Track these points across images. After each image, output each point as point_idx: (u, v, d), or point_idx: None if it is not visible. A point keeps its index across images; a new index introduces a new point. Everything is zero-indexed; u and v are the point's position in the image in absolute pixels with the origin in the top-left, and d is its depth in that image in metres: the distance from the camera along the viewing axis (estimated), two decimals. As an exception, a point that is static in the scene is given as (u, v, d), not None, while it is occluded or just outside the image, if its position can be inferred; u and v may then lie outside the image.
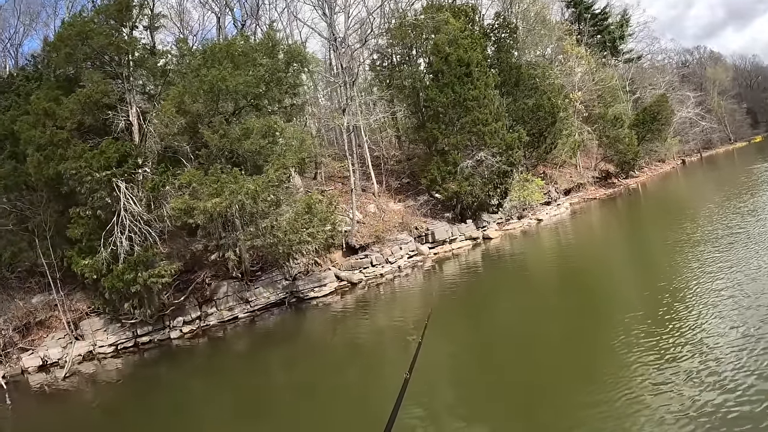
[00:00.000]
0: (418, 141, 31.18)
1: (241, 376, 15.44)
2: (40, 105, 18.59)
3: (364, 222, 25.23)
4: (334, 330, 19.07)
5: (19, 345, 19.48)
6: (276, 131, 20.28)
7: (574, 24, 51.72)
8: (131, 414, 14.03)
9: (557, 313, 15.04)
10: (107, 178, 17.80)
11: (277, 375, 15.27)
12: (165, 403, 14.20)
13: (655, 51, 70.90)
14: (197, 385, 15.31)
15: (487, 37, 35.56)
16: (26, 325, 19.88)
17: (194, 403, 13.70)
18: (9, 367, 18.88)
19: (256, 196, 18.22)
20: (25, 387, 17.96)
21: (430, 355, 13.74)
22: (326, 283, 21.94)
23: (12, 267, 21.99)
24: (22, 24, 39.82)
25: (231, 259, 18.97)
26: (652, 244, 22.42)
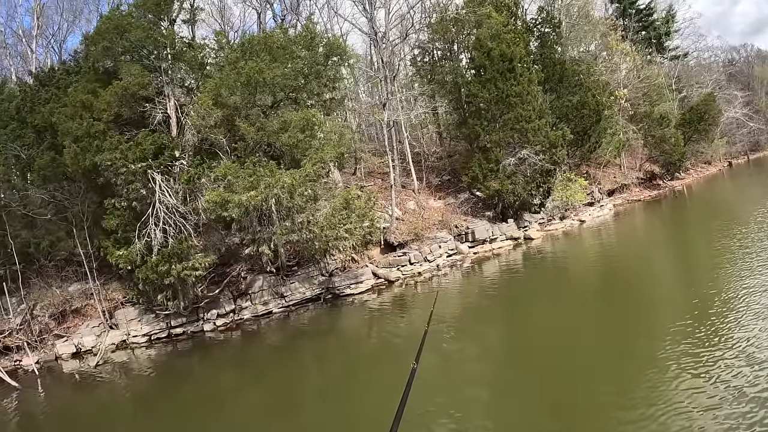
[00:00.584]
0: (459, 137, 30.12)
1: (273, 370, 15.16)
2: (78, 97, 18.44)
3: (404, 219, 24.37)
4: (370, 327, 18.46)
5: (54, 332, 19.75)
6: (315, 125, 19.63)
7: (618, 19, 49.71)
8: (161, 404, 13.97)
9: (598, 320, 14.36)
10: (143, 170, 17.59)
11: (310, 371, 14.86)
12: (195, 394, 14.06)
13: (701, 48, 67.91)
14: (229, 378, 15.09)
15: (530, 32, 34.20)
16: (62, 313, 20.11)
17: (225, 396, 13.47)
18: (44, 352, 19.21)
19: (293, 190, 17.59)
20: (58, 373, 18.12)
21: (464, 355, 13.34)
22: (363, 280, 21.20)
23: (50, 255, 22.06)
24: (65, 21, 40.41)
25: (265, 254, 18.36)
26: (699, 249, 21.23)
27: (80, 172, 18.71)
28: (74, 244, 20.13)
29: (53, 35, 40.27)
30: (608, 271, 20.45)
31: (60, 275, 21.81)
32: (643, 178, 42.01)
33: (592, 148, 34.55)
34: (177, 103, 19.76)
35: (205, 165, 18.70)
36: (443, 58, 31.09)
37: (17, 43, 38.50)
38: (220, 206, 17.30)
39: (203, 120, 18.88)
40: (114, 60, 19.92)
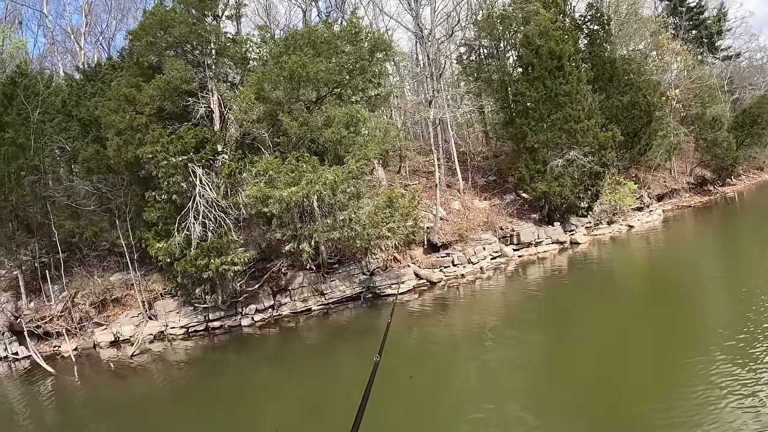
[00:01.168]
0: (505, 137, 29.05)
1: (309, 368, 14.89)
2: (121, 91, 18.27)
3: (448, 219, 23.48)
4: (410, 329, 17.79)
5: (94, 320, 19.93)
6: (359, 121, 18.97)
7: (668, 18, 47.59)
8: (195, 396, 13.96)
9: (644, 331, 13.44)
10: (183, 163, 17.28)
11: (347, 370, 14.43)
12: (230, 388, 13.93)
13: (753, 49, 64.63)
14: (264, 374, 14.95)
15: (578, 29, 32.86)
16: (102, 302, 20.27)
17: (259, 391, 13.34)
18: (83, 340, 19.43)
19: (335, 187, 16.96)
20: (94, 361, 18.30)
21: (503, 363, 12.92)
22: (404, 281, 20.45)
23: (93, 245, 22.15)
24: (113, 19, 41.00)
25: (305, 251, 17.78)
26: (752, 260, 20.20)
27: (122, 165, 18.59)
28: (116, 235, 20.16)
29: (102, 33, 40.97)
30: (657, 280, 19.46)
31: (102, 265, 21.97)
32: (694, 183, 39.97)
33: (642, 151, 32.92)
34: (220, 98, 19.42)
35: (246, 159, 18.27)
36: (489, 56, 30.06)
37: (66, 40, 39.22)
38: (261, 201, 16.85)
39: (245, 114, 18.47)
40: (158, 55, 19.74)
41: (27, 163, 20.88)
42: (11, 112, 21.48)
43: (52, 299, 21.08)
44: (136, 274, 20.01)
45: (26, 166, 20.84)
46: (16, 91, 22.28)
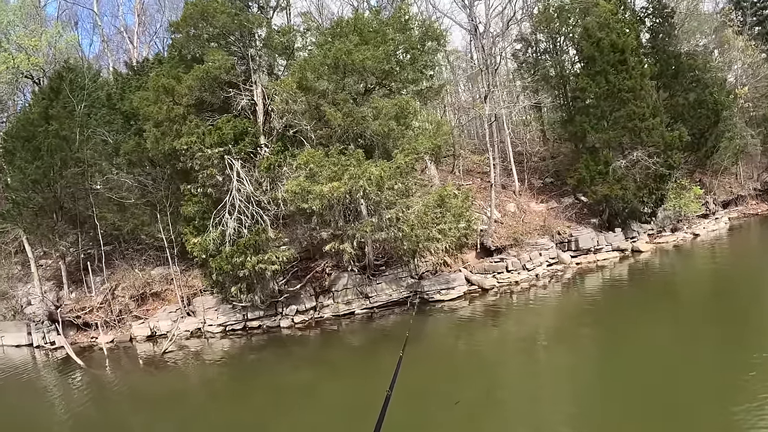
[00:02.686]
0: (564, 136, 26.84)
1: (349, 373, 13.86)
2: (159, 81, 17.33)
3: (502, 222, 21.56)
4: (457, 338, 16.26)
5: (133, 313, 19.66)
6: (409, 113, 17.38)
7: (732, 12, 44.08)
8: (228, 397, 13.29)
9: (708, 352, 12.13)
10: (219, 155, 16.08)
11: (388, 378, 12.81)
12: (264, 390, 13.34)
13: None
14: (301, 377, 14.01)
15: (640, 21, 30.35)
16: (142, 295, 19.96)
17: (295, 396, 12.55)
18: (120, 332, 19.22)
19: (381, 183, 15.36)
20: (128, 354, 17.94)
21: (554, 381, 11.79)
22: (455, 286, 18.70)
23: (134, 239, 21.51)
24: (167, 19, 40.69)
25: (347, 252, 16.30)
26: None
27: (160, 157, 17.66)
28: (157, 228, 19.53)
29: (155, 33, 40.76)
30: (724, 296, 17.18)
31: (143, 258, 21.36)
32: (761, 189, 36.60)
33: (709, 153, 30.00)
34: (264, 90, 18.25)
35: (287, 153, 16.89)
36: (546, 51, 27.95)
37: (120, 40, 39.12)
38: (300, 197, 15.40)
39: (287, 105, 17.13)
40: (200, 47, 18.74)
41: (70, 155, 20.43)
42: (57, 105, 21.14)
43: (93, 291, 20.63)
44: (176, 269, 19.25)
45: (70, 158, 20.41)
46: (63, 85, 21.97)
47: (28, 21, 28.90)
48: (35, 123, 20.61)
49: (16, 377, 17.24)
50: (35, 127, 20.42)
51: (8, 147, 20.82)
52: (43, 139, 20.08)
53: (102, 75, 26.42)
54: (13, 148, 20.55)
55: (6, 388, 16.40)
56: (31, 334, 20.47)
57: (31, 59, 25.30)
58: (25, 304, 22.10)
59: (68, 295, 21.63)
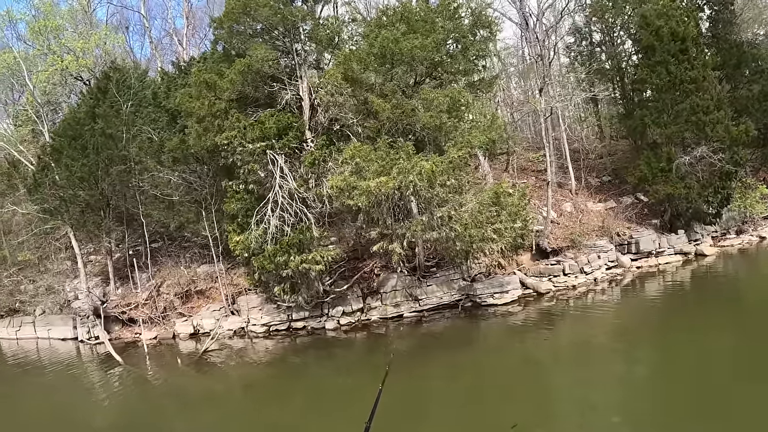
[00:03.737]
0: (622, 132, 24.86)
1: (394, 379, 12.28)
2: (201, 77, 16.52)
3: (559, 222, 19.92)
4: (510, 346, 14.74)
5: (178, 310, 19.16)
6: (462, 105, 16.04)
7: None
8: (267, 398, 12.68)
9: None
10: (261, 150, 15.10)
11: (436, 385, 12.40)
12: (305, 393, 12.62)
13: None
14: (345, 381, 13.11)
15: (699, 9, 28.02)
16: (187, 293, 19.44)
17: (337, 400, 11.73)
18: (164, 329, 18.78)
19: (433, 178, 14.06)
20: (169, 352, 17.41)
21: (608, 398, 10.59)
22: (509, 290, 17.17)
23: (180, 236, 20.95)
24: (216, 22, 40.30)
25: (396, 252, 15.05)
26: None
27: (203, 153, 16.86)
28: (203, 226, 18.76)
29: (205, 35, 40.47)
30: None
31: (188, 256, 20.99)
32: (828, 189, 33.56)
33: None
34: (309, 84, 17.25)
35: (333, 147, 15.72)
36: (602, 42, 26.00)
37: (170, 42, 38.97)
38: (345, 193, 14.24)
39: (332, 97, 16.05)
40: (244, 43, 17.90)
41: (116, 153, 20.06)
42: (103, 104, 20.83)
43: (139, 287, 20.22)
44: (221, 267, 18.56)
45: (115, 155, 20.04)
46: (110, 85, 21.70)
47: (77, 25, 28.90)
48: (82, 122, 20.33)
49: (59, 370, 17.05)
50: (82, 126, 20.12)
51: (56, 145, 20.59)
52: (90, 137, 19.75)
53: (150, 75, 26.09)
54: (61, 147, 20.29)
55: (48, 382, 16.05)
56: (76, 328, 20.35)
57: (79, 61, 25.13)
58: (72, 299, 21.98)
59: (114, 290, 21.33)
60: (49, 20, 25.16)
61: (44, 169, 20.04)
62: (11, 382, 16.70)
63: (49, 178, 19.70)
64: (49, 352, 19.62)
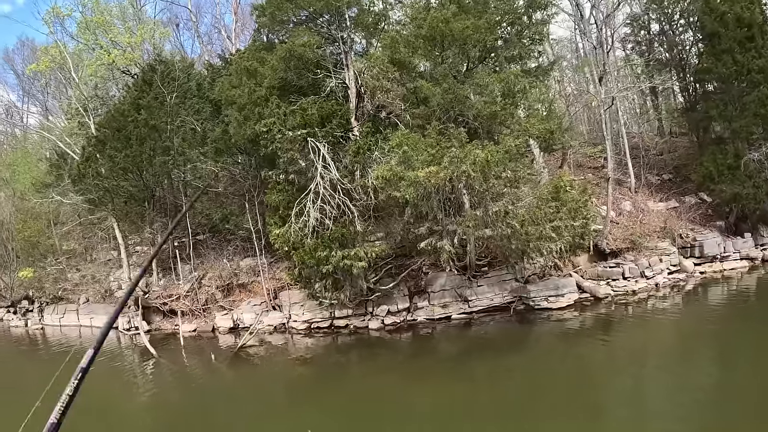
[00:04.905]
0: (683, 127, 22.73)
1: (439, 383, 11.44)
2: (242, 64, 15.51)
3: (618, 222, 17.97)
4: (564, 355, 12.90)
5: (219, 303, 18.35)
6: (518, 91, 14.53)
7: None
8: (304, 397, 11.71)
9: None
10: (302, 138, 13.74)
11: (482, 391, 11.00)
12: (344, 394, 11.48)
13: None
14: (387, 384, 11.79)
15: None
16: (228, 286, 18.64)
17: (378, 403, 10.70)
18: (204, 322, 17.99)
19: (487, 168, 12.58)
20: (210, 345, 16.53)
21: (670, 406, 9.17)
22: (564, 293, 15.27)
23: (223, 229, 20.30)
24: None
25: (445, 250, 13.61)
26: None
27: (244, 143, 15.70)
28: (246, 219, 17.81)
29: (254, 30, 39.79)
30: None
31: (231, 249, 20.17)
32: None
33: None
34: (356, 72, 16.04)
35: (378, 135, 14.26)
36: (661, 32, 23.82)
37: (219, 37, 38.45)
38: (392, 184, 12.84)
39: (378, 81, 14.76)
40: (287, 31, 16.85)
41: (159, 144, 19.38)
42: (148, 95, 20.24)
43: (181, 279, 19.49)
44: (263, 261, 17.49)
45: (159, 146, 19.37)
46: (154, 77, 21.12)
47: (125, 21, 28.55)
48: (126, 113, 19.67)
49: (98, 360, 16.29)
50: (125, 118, 19.45)
51: (100, 137, 20.08)
52: (133, 128, 19.10)
53: (196, 69, 25.48)
54: (105, 138, 19.73)
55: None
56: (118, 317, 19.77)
57: (126, 54, 24.67)
58: (116, 289, 21.54)
59: (157, 282, 20.73)
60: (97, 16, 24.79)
61: (88, 160, 19.53)
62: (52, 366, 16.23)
63: (93, 169, 19.19)
64: (92, 340, 19.11)
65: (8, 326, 22.85)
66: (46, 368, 15.64)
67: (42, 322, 22.04)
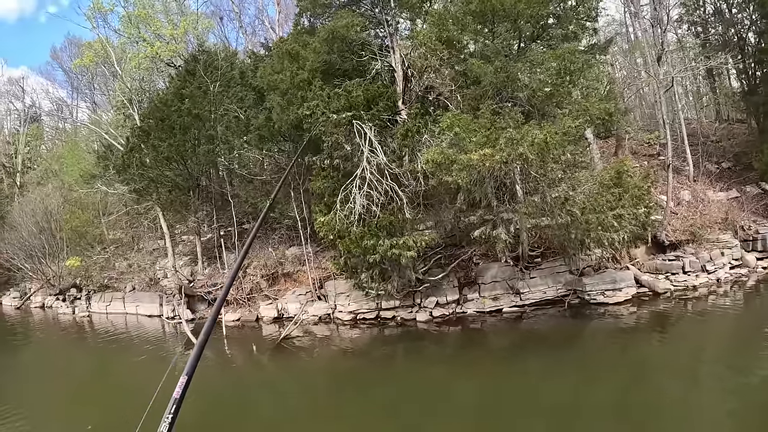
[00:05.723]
0: (743, 112, 21.15)
1: (491, 378, 10.58)
2: (283, 48, 14.91)
3: (676, 212, 16.56)
4: (621, 351, 11.79)
5: (264, 292, 17.79)
6: (576, 70, 13.47)
7: None
8: (349, 390, 10.88)
9: None
10: (347, 121, 12.86)
11: (533, 387, 9.96)
12: (391, 389, 10.54)
13: None
14: (434, 379, 10.81)
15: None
16: (273, 275, 18.04)
17: (424, 398, 9.83)
18: (248, 311, 17.49)
19: (545, 151, 11.60)
20: (253, 334, 15.98)
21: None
22: (622, 287, 13.94)
23: (270, 217, 19.73)
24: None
25: (500, 240, 12.74)
26: None
27: (287, 128, 15.01)
28: (291, 207, 17.28)
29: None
30: None
31: (276, 237, 19.52)
32: None
33: None
34: (402, 55, 15.28)
35: (428, 117, 13.27)
36: (716, 11, 22.17)
37: (262, 28, 38.08)
38: (443, 168, 11.83)
39: (426, 60, 13.90)
40: (330, 16, 16.21)
41: (203, 133, 19.06)
42: (190, 85, 20.01)
43: (226, 267, 19.10)
44: (309, 250, 16.87)
45: (202, 135, 19.06)
46: (197, 67, 20.91)
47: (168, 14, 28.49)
48: (169, 103, 19.43)
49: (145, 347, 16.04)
50: (169, 107, 19.17)
51: (144, 127, 19.92)
52: (177, 117, 18.83)
53: (240, 57, 25.20)
54: (149, 128, 19.53)
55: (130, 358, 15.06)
56: (162, 305, 19.60)
57: (169, 46, 24.56)
58: (162, 277, 21.47)
59: (202, 270, 20.48)
60: (140, 10, 24.75)
61: (132, 150, 19.39)
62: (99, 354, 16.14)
63: (137, 159, 19.04)
64: (138, 328, 19.02)
65: (56, 314, 22.97)
66: (97, 356, 15.70)
67: (89, 309, 22.02)
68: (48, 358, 16.69)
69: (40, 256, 24.02)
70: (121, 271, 22.50)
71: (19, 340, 19.95)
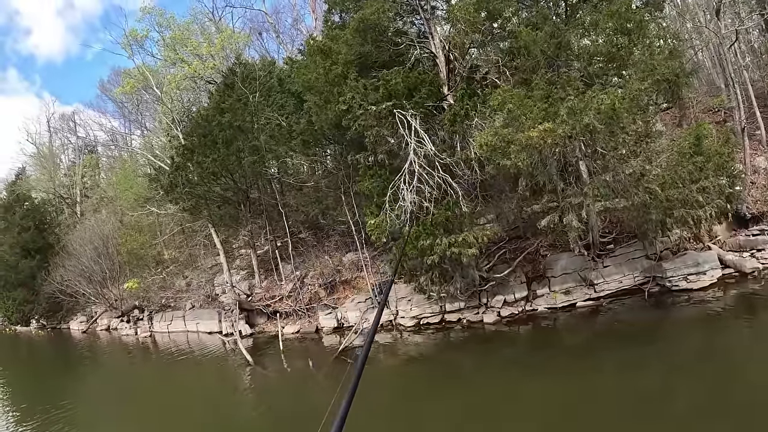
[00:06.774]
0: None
1: (569, 382, 9.25)
2: (315, 45, 14.13)
3: (754, 182, 14.56)
4: (709, 342, 10.18)
5: (323, 301, 17.17)
6: (636, 27, 11.97)
7: None
8: (417, 399, 10.10)
9: None
10: (388, 111, 11.74)
11: (611, 387, 8.85)
12: (459, 397, 9.61)
13: None
14: (508, 382, 9.93)
15: None
16: (331, 283, 17.36)
17: (498, 403, 9.14)
18: (308, 322, 16.97)
19: (614, 119, 9.91)
20: (313, 347, 15.30)
21: None
22: (706, 270, 12.14)
23: (325, 225, 19.34)
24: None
25: (573, 228, 11.41)
26: None
27: (328, 129, 14.13)
28: (342, 211, 16.58)
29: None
30: None
31: (331, 244, 18.84)
32: None
33: None
34: (442, 40, 14.23)
35: (476, 99, 11.96)
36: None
37: (297, 35, 37.78)
38: (499, 151, 10.50)
39: (467, 36, 12.32)
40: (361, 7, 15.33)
41: (246, 144, 18.66)
42: (228, 98, 19.70)
43: (283, 279, 18.68)
44: (365, 255, 16.08)
45: (246, 147, 18.66)
46: (235, 80, 20.64)
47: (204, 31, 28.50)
48: (209, 119, 19.16)
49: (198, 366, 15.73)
50: (210, 123, 18.89)
51: (187, 145, 19.77)
52: (218, 131, 18.47)
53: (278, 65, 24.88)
54: (192, 146, 19.36)
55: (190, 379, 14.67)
56: (221, 321, 19.33)
57: (206, 63, 24.47)
58: (220, 293, 21.30)
59: (259, 283, 20.07)
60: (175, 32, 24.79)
61: (177, 169, 19.25)
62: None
63: (183, 177, 18.86)
64: (199, 345, 18.81)
65: (120, 335, 23.26)
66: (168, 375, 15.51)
67: (151, 329, 22.06)
68: (121, 381, 16.57)
69: (100, 280, 24.40)
70: (179, 290, 22.48)
71: (87, 365, 20.12)
